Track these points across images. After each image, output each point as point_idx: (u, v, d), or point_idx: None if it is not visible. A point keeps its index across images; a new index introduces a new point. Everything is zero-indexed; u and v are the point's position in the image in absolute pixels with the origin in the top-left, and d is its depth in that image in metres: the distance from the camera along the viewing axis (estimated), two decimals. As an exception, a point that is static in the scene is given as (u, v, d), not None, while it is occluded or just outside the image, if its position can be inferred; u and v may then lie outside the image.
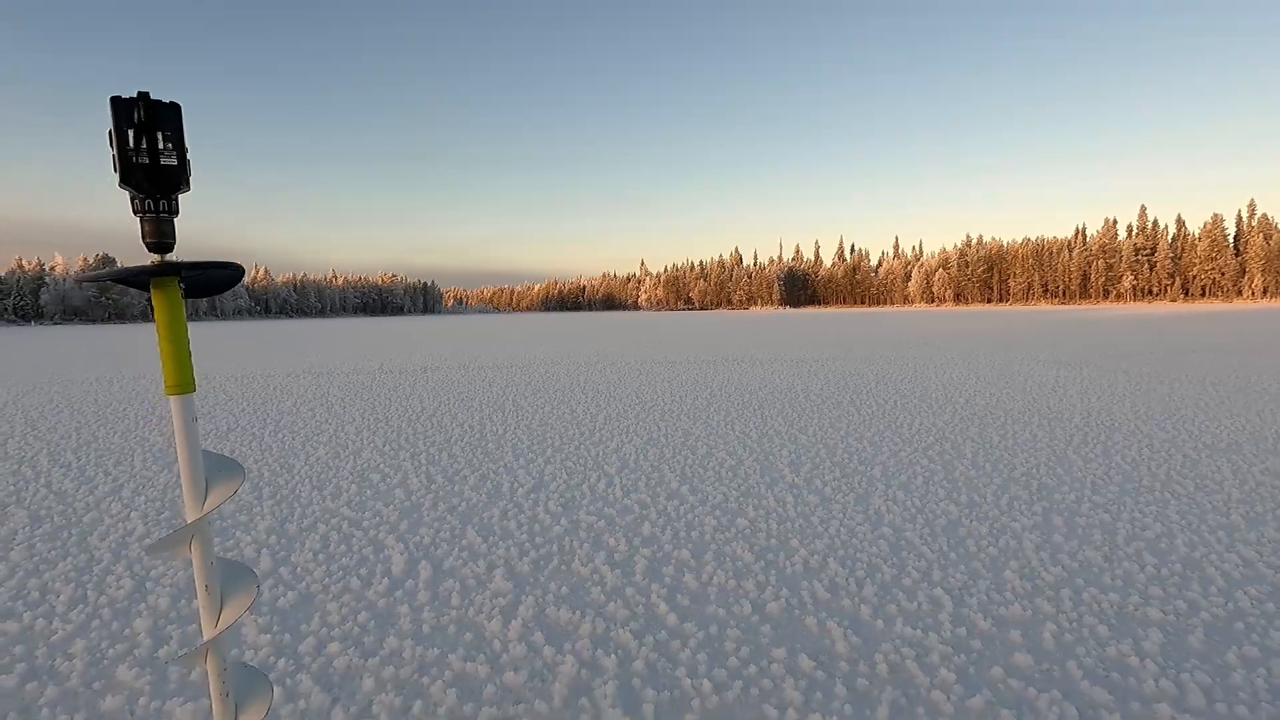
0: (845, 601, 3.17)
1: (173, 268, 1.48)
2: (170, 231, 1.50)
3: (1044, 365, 13.64)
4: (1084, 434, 6.82)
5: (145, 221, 1.46)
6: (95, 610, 3.17)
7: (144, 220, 1.46)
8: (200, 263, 1.49)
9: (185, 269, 1.49)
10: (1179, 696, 2.38)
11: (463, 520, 4.41)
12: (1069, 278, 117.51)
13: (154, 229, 1.47)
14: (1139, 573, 3.42)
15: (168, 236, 1.49)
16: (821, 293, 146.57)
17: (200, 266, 1.50)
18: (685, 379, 12.40)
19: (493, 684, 2.53)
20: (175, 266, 1.48)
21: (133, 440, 7.31)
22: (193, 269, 1.50)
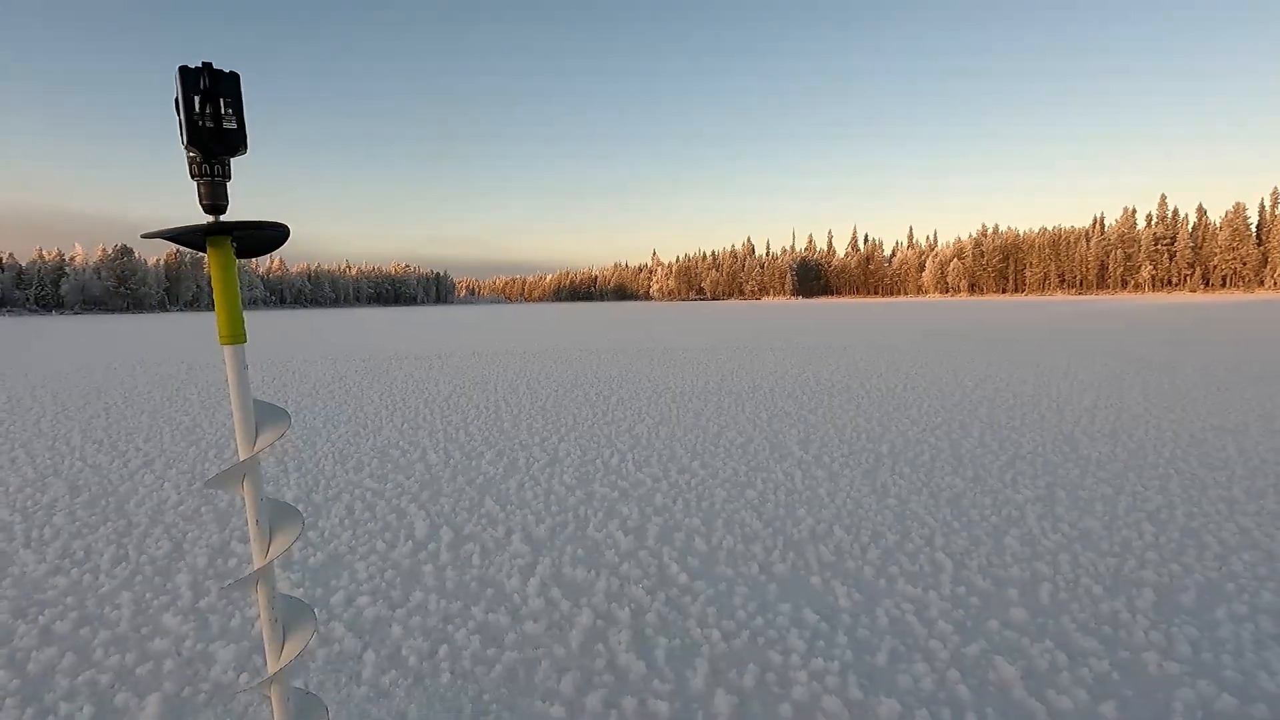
0: (849, 563, 3.30)
1: (226, 227, 1.63)
2: (224, 194, 1.64)
3: (1054, 356, 13.63)
4: (1092, 416, 6.88)
5: (201, 184, 1.60)
6: (138, 567, 3.36)
7: (200, 183, 1.60)
8: (251, 222, 1.64)
9: (237, 228, 1.64)
10: (1167, 647, 2.49)
11: (481, 491, 4.57)
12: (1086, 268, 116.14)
13: (209, 191, 1.61)
14: (1137, 540, 3.52)
15: (221, 199, 1.63)
16: (834, 283, 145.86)
17: (252, 226, 1.65)
18: (697, 364, 12.52)
19: (513, 632, 2.68)
20: (229, 226, 1.63)
21: (160, 420, 7.55)
22: (244, 228, 1.65)
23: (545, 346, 17.58)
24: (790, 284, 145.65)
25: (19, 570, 3.34)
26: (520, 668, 2.43)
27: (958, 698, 2.20)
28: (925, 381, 9.66)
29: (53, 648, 2.58)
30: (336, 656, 2.52)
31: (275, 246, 1.79)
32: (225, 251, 1.67)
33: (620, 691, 2.27)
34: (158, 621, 2.80)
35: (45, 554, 3.55)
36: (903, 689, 2.26)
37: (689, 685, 2.30)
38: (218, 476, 1.69)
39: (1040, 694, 2.21)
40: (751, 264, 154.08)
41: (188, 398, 9.26)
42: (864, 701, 2.19)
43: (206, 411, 8.11)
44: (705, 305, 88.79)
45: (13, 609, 2.92)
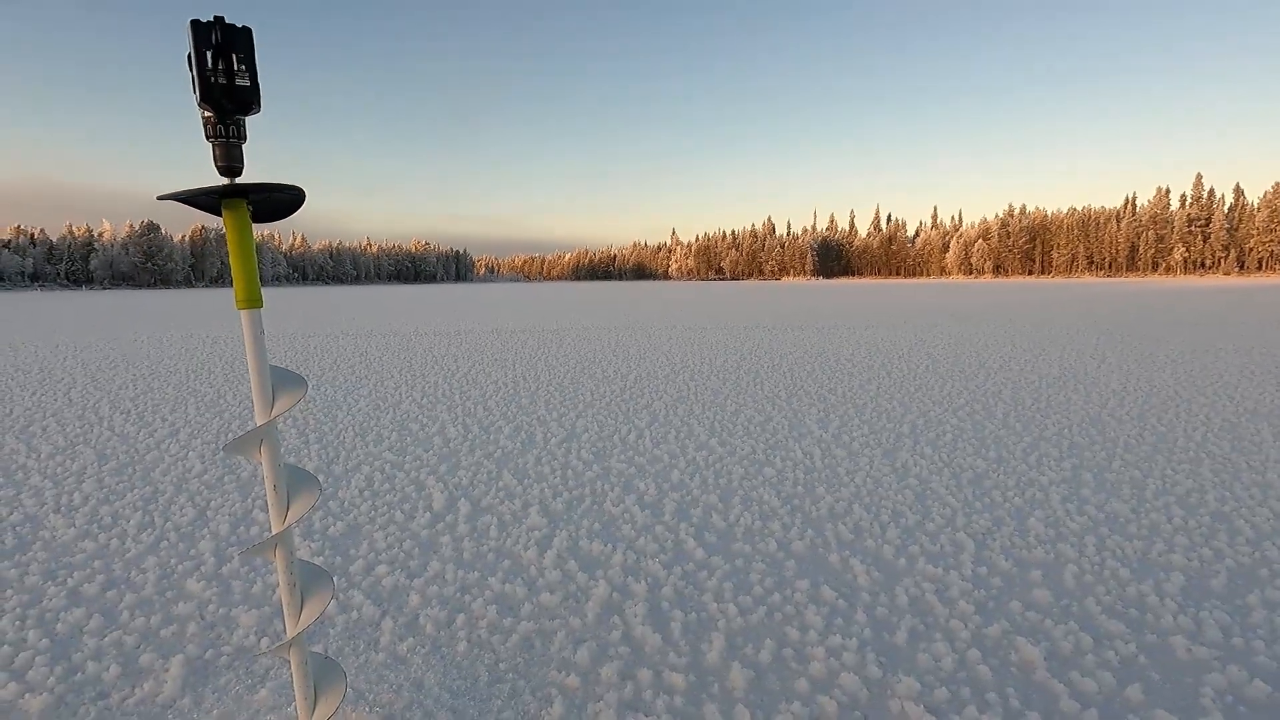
0: (869, 542, 3.26)
1: (241, 189, 1.61)
2: (239, 156, 1.61)
3: (1083, 334, 13.35)
4: (1120, 398, 6.73)
5: (217, 146, 1.58)
6: (163, 533, 3.42)
7: (215, 144, 1.58)
8: (266, 185, 1.61)
9: (252, 190, 1.62)
10: (1195, 631, 2.43)
11: (498, 465, 4.58)
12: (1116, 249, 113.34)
13: (224, 153, 1.59)
14: (1165, 523, 3.44)
15: (236, 161, 1.61)
16: (856, 263, 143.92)
17: (266, 189, 1.63)
18: (715, 343, 12.45)
19: (530, 603, 2.69)
20: (244, 188, 1.61)
21: (185, 391, 7.67)
22: (259, 190, 1.62)
23: (563, 325, 17.58)
24: (811, 264, 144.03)
25: (49, 534, 3.42)
26: (536, 638, 2.44)
27: (978, 677, 2.17)
28: (948, 362, 9.51)
29: (81, 609, 2.63)
30: (355, 623, 2.55)
31: (291, 210, 1.77)
32: (241, 215, 1.65)
33: (636, 664, 2.27)
34: (182, 586, 2.84)
35: (74, 519, 3.62)
36: (922, 668, 2.23)
37: (704, 659, 2.29)
38: (236, 441, 1.69)
39: (1064, 675, 2.17)
40: (772, 244, 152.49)
41: (212, 370, 9.40)
42: (882, 679, 2.16)
43: (230, 384, 8.22)
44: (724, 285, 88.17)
45: (43, 571, 2.99)
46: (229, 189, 1.59)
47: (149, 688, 2.14)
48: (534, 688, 2.14)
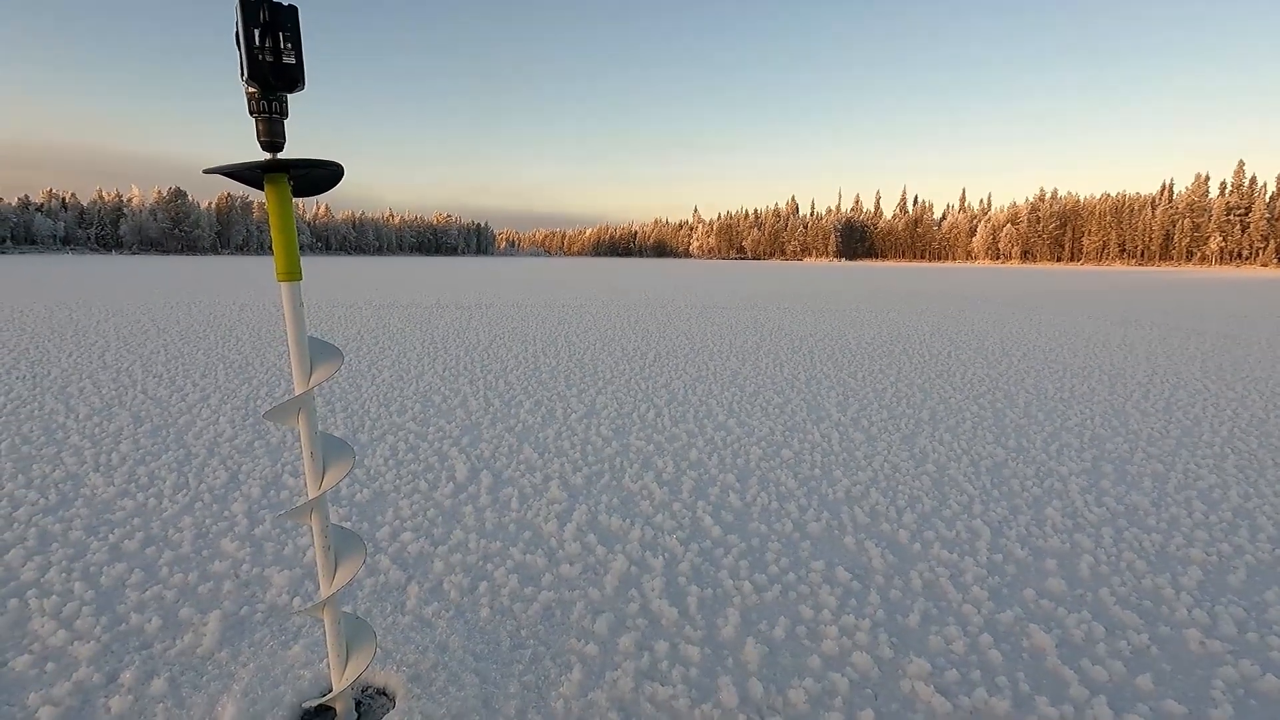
0: (885, 526, 3.29)
1: (284, 165, 1.65)
2: (281, 132, 1.65)
3: (1110, 324, 13.12)
4: (1146, 390, 6.64)
5: (260, 121, 1.62)
6: (197, 494, 3.54)
7: (259, 120, 1.61)
8: (307, 160, 1.65)
9: (294, 165, 1.66)
10: (1210, 625, 2.44)
11: (519, 438, 4.66)
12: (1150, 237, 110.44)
13: (267, 128, 1.63)
14: (1186, 517, 3.43)
15: (279, 136, 1.65)
16: (880, 245, 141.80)
17: (307, 164, 1.67)
18: (735, 323, 12.42)
19: (550, 573, 2.76)
20: (286, 164, 1.65)
21: (214, 357, 7.84)
22: (300, 165, 1.66)
23: (584, 300, 17.62)
24: (834, 245, 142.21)
25: (90, 491, 3.56)
26: (556, 607, 2.51)
27: (989, 661, 2.20)
28: (971, 349, 9.42)
29: (123, 564, 2.76)
30: (382, 587, 2.64)
31: (330, 186, 1.81)
32: (282, 189, 1.69)
33: (653, 635, 2.34)
34: (217, 545, 2.96)
35: (113, 478, 3.76)
36: (934, 650, 2.27)
37: (720, 633, 2.35)
38: (275, 409, 1.75)
39: (1074, 663, 2.20)
40: (795, 223, 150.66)
41: (239, 337, 9.58)
42: (894, 659, 2.21)
43: (257, 351, 8.39)
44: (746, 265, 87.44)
45: (85, 526, 3.12)
46: (272, 164, 1.63)
47: (189, 640, 2.25)
48: (554, 654, 2.22)
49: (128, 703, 1.93)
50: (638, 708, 1.96)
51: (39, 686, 2.00)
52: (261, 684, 2.02)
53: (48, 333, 9.76)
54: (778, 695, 2.02)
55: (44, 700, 1.94)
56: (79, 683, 2.02)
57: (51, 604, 2.44)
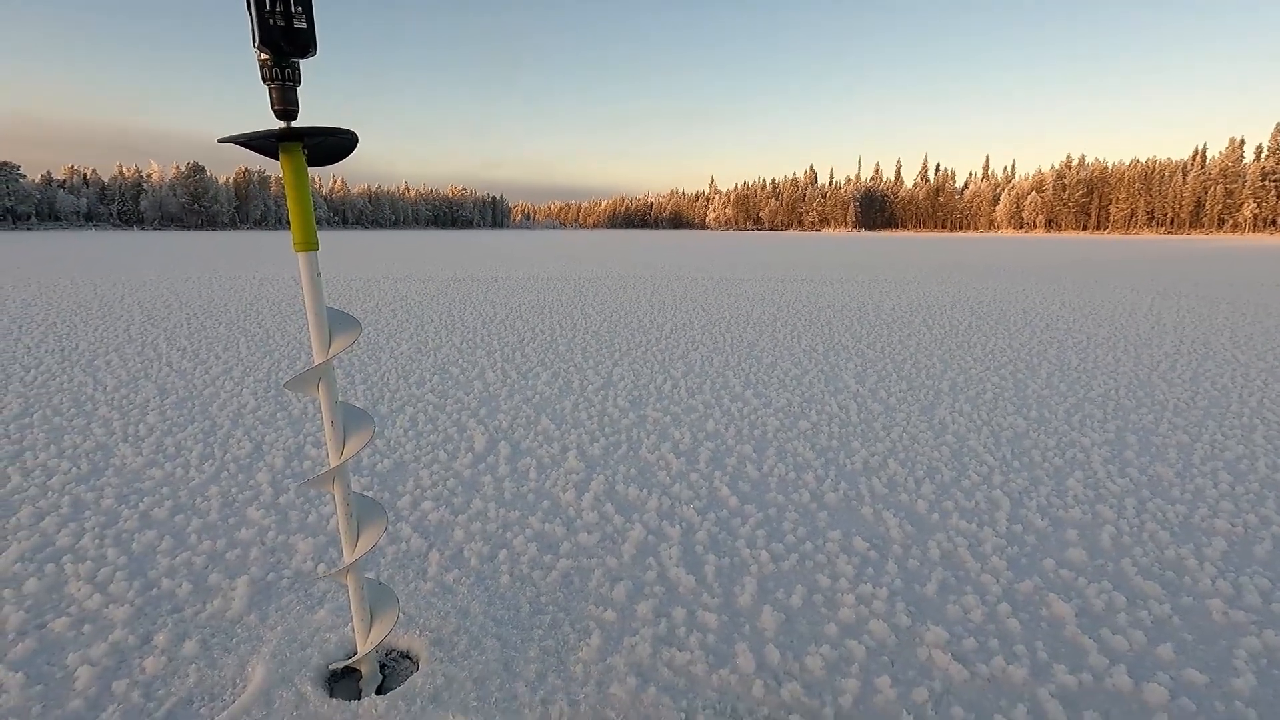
0: (903, 496, 3.28)
1: (298, 133, 1.64)
2: (294, 100, 1.64)
3: (1138, 293, 12.84)
4: (1172, 360, 6.51)
5: (273, 89, 1.60)
6: (223, 465, 3.62)
7: (272, 88, 1.60)
8: (322, 128, 1.64)
9: (308, 134, 1.65)
10: (1234, 596, 2.42)
11: (537, 410, 4.69)
12: (1180, 204, 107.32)
13: (281, 96, 1.61)
14: (1211, 489, 3.38)
15: (292, 104, 1.63)
16: (900, 215, 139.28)
17: (321, 132, 1.65)
18: (752, 295, 12.33)
19: (568, 542, 2.79)
20: (300, 131, 1.64)
21: (236, 331, 7.94)
22: (315, 134, 1.65)
23: (600, 273, 17.56)
24: (853, 215, 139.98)
25: (119, 461, 3.64)
26: (575, 575, 2.54)
27: (1007, 630, 2.20)
28: (992, 319, 9.28)
29: (153, 531, 2.83)
30: (404, 554, 2.68)
31: (345, 154, 1.80)
32: (297, 158, 1.68)
33: (670, 602, 2.36)
34: (243, 514, 3.02)
35: (141, 448, 3.85)
36: (951, 618, 2.27)
37: (736, 601, 2.37)
38: (295, 378, 1.77)
39: (1094, 632, 2.19)
40: (813, 194, 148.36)
41: (260, 310, 9.69)
42: (911, 628, 2.22)
43: (278, 324, 8.48)
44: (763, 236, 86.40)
45: (116, 495, 3.20)
46: (286, 132, 1.62)
47: (218, 604, 2.31)
48: (573, 620, 2.25)
49: (161, 663, 1.99)
50: (655, 672, 1.99)
51: (77, 647, 2.07)
52: (289, 646, 2.07)
53: (74, 307, 9.93)
54: (795, 661, 2.04)
55: (82, 660, 2.00)
56: (115, 644, 2.08)
57: (86, 569, 2.52)
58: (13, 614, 2.21)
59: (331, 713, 1.80)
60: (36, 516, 2.95)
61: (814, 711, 1.83)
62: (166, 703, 1.85)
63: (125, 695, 1.87)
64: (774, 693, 1.90)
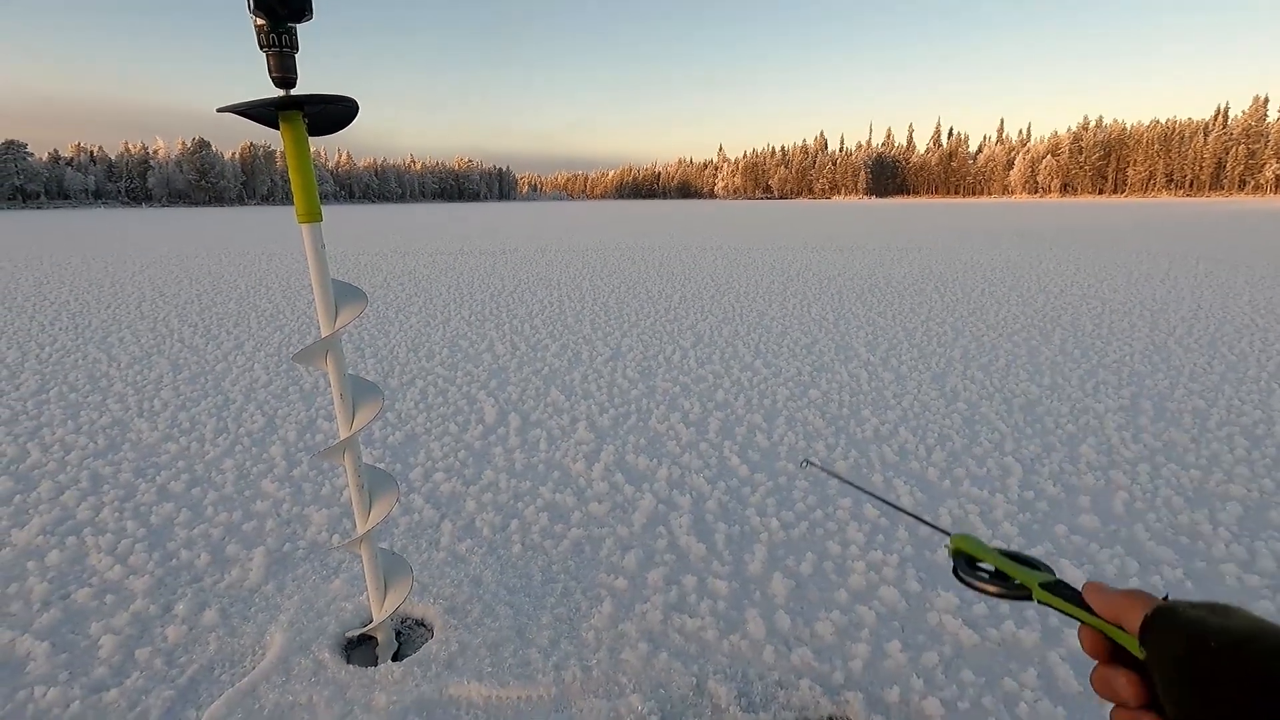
0: (913, 464, 3.27)
1: (297, 101, 1.61)
2: (292, 66, 1.61)
3: (1155, 258, 12.62)
4: (1189, 325, 6.42)
5: (270, 56, 1.57)
6: (237, 438, 3.65)
7: (269, 55, 1.57)
8: (320, 95, 1.61)
9: (308, 101, 1.62)
10: (1248, 560, 2.41)
11: (546, 381, 4.69)
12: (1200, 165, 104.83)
13: (279, 63, 1.58)
14: (1227, 454, 3.34)
15: (290, 71, 1.60)
16: (911, 181, 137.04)
17: (320, 100, 1.62)
18: (762, 264, 12.22)
19: (579, 511, 2.81)
20: (299, 100, 1.61)
21: (246, 306, 7.97)
22: (314, 102, 1.62)
23: (607, 243, 17.45)
24: (864, 182, 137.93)
25: (136, 436, 3.69)
26: (586, 544, 2.56)
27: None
28: (1006, 286, 9.16)
29: (170, 503, 2.87)
30: (417, 525, 2.71)
31: (345, 123, 1.77)
32: (298, 128, 1.66)
33: (681, 570, 2.38)
34: (258, 486, 3.06)
35: (157, 423, 3.89)
36: (962, 585, 2.27)
37: (747, 568, 2.39)
38: (303, 351, 1.76)
39: (1105, 597, 2.19)
40: (823, 160, 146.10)
41: (269, 286, 9.71)
42: (921, 594, 2.22)
43: (287, 299, 8.51)
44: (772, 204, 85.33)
45: (134, 469, 3.25)
46: (285, 100, 1.59)
47: (236, 574, 2.35)
48: (584, 588, 2.27)
49: (182, 632, 2.04)
50: (666, 638, 2.01)
51: (100, 617, 2.12)
52: (306, 615, 2.11)
53: (86, 284, 9.99)
54: (805, 627, 2.06)
55: (105, 629, 2.05)
56: (136, 613, 2.13)
57: (107, 541, 2.56)
58: (37, 585, 2.26)
59: (349, 679, 1.84)
60: (56, 490, 3.00)
61: (824, 676, 1.84)
62: (189, 669, 1.89)
63: (148, 662, 1.91)
64: (784, 658, 1.92)
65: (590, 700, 1.76)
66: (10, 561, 2.44)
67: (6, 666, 1.90)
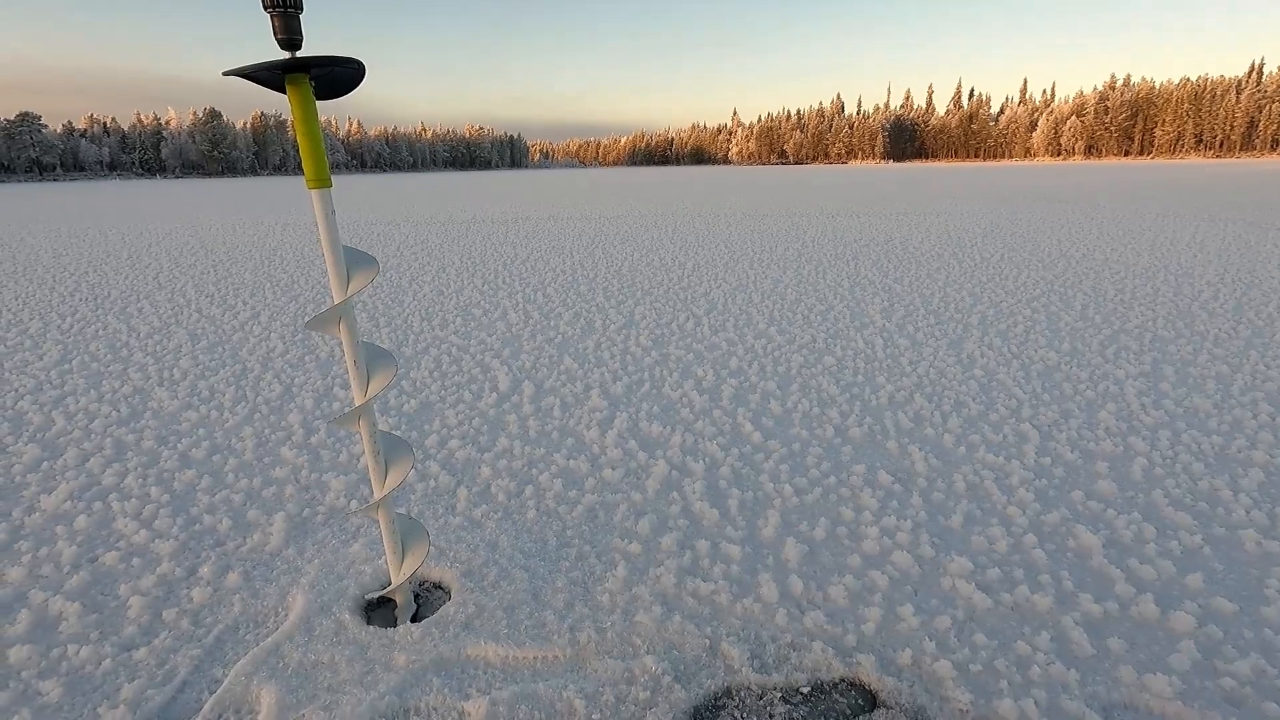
0: (929, 430, 3.25)
1: (303, 63, 1.59)
2: (298, 28, 1.58)
3: (1182, 220, 12.30)
4: (1215, 290, 6.27)
5: (275, 17, 1.54)
6: (255, 407, 3.70)
7: (274, 16, 1.54)
8: (326, 57, 1.58)
9: (313, 63, 1.59)
10: (1269, 526, 2.38)
11: (559, 349, 4.69)
12: (1231, 125, 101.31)
13: (284, 24, 1.56)
14: (1250, 420, 3.29)
15: (295, 33, 1.58)
16: (930, 145, 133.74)
17: (326, 62, 1.60)
18: (776, 231, 12.06)
19: (593, 478, 2.83)
20: (305, 62, 1.58)
21: (261, 276, 8.02)
22: (320, 64, 1.60)
23: (620, 212, 17.29)
24: (881, 146, 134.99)
25: (157, 405, 3.75)
26: (600, 509, 2.58)
27: (1032, 561, 2.20)
28: (1026, 251, 8.99)
29: (192, 470, 2.92)
30: (433, 491, 2.75)
31: (352, 86, 1.75)
32: (304, 91, 1.64)
33: (694, 535, 2.39)
34: (277, 453, 3.11)
35: (177, 392, 3.95)
36: (976, 549, 2.27)
37: (760, 533, 2.40)
38: (316, 318, 1.77)
39: (1121, 562, 2.18)
40: (839, 124, 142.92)
41: (284, 256, 9.75)
42: (935, 559, 2.22)
43: (302, 269, 8.54)
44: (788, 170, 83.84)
45: (156, 436, 3.31)
46: (291, 62, 1.57)
47: (257, 539, 2.40)
48: (599, 552, 2.30)
49: (207, 593, 2.09)
50: (680, 602, 2.03)
51: (127, 579, 2.18)
52: (326, 578, 2.15)
53: (104, 255, 10.08)
54: (818, 591, 2.07)
55: (133, 591, 2.10)
56: (163, 576, 2.18)
57: (132, 506, 2.62)
58: (66, 549, 2.32)
59: (370, 639, 1.88)
60: (82, 458, 3.06)
61: (836, 638, 1.86)
62: (214, 629, 1.94)
63: (175, 622, 1.96)
64: (797, 620, 1.93)
65: (605, 661, 1.78)
66: (40, 526, 2.51)
67: (40, 626, 1.97)
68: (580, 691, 1.66)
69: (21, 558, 2.30)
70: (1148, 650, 1.80)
